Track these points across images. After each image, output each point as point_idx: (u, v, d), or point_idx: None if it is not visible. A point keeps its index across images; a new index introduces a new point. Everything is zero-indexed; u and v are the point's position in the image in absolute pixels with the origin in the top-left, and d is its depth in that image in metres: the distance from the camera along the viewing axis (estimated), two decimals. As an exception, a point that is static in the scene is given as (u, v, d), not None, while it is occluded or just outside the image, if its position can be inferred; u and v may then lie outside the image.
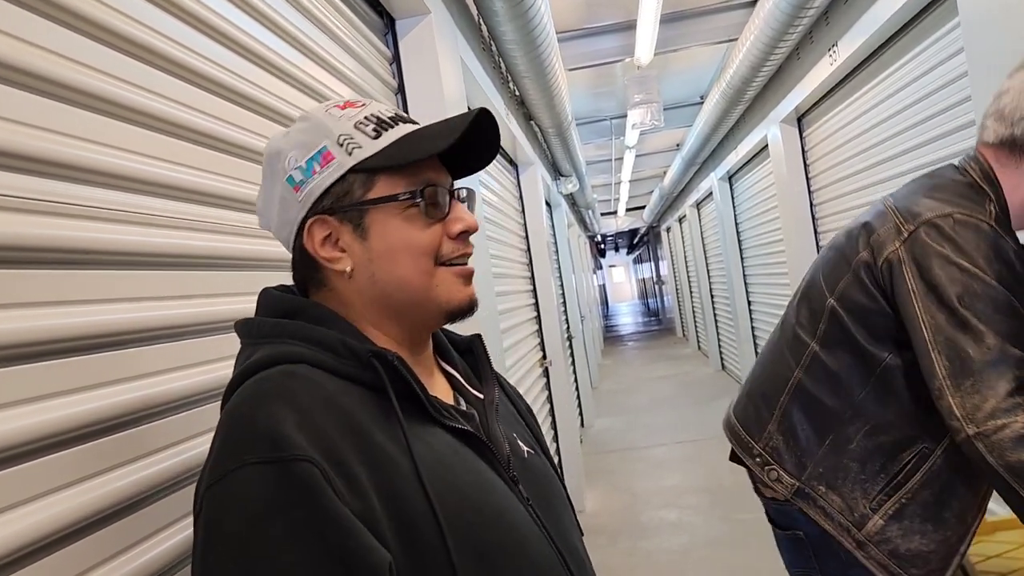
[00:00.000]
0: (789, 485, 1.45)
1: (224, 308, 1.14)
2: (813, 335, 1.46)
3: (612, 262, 39.84)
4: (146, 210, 0.99)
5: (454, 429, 0.79)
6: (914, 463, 1.37)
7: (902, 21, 3.20)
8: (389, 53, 2.34)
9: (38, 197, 0.81)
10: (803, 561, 1.51)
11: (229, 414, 0.70)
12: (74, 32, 0.90)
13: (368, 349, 0.75)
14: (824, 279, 1.46)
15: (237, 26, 1.31)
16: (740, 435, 1.57)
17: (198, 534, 0.66)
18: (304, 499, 0.63)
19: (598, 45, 5.08)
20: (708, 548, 4.00)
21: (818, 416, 1.44)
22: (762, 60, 4.18)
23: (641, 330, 20.25)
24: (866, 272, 1.37)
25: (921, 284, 1.28)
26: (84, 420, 0.82)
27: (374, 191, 0.80)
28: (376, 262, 0.80)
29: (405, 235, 0.80)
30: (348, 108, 0.84)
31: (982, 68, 2.40)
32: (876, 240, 1.36)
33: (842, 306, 1.41)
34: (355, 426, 0.70)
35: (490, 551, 0.72)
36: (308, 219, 0.81)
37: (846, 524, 1.40)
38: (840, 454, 1.41)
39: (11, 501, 0.71)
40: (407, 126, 0.84)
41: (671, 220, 14.25)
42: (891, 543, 1.37)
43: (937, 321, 1.26)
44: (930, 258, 1.28)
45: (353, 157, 0.80)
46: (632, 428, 7.32)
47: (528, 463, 0.88)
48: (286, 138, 0.83)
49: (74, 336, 0.83)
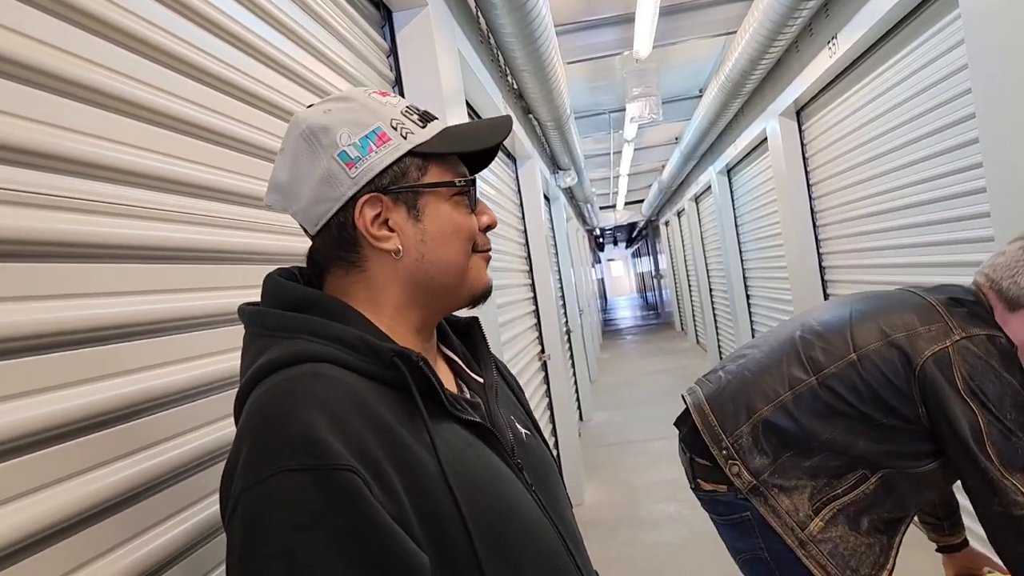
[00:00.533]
0: (747, 481, 1.61)
1: (224, 302, 1.14)
2: (817, 372, 1.60)
3: (611, 256, 39.84)
4: (142, 203, 0.98)
5: (466, 421, 0.80)
6: (854, 483, 1.57)
7: (902, 13, 3.19)
8: (386, 46, 2.33)
9: (38, 191, 0.80)
10: (750, 542, 1.64)
11: (260, 413, 0.69)
12: (68, 24, 0.89)
13: (390, 348, 0.75)
14: (852, 333, 1.61)
15: (232, 17, 1.30)
16: (711, 425, 1.68)
17: (235, 536, 0.66)
18: (346, 508, 0.64)
19: (596, 38, 5.06)
20: (707, 541, 4.00)
21: (790, 434, 1.60)
22: (761, 53, 4.17)
23: (640, 324, 20.26)
24: (899, 354, 1.53)
25: (968, 384, 1.46)
26: (81, 414, 0.81)
27: (428, 176, 0.83)
28: (428, 243, 0.82)
29: (456, 220, 0.84)
30: (387, 96, 0.85)
31: (983, 60, 2.40)
32: (922, 333, 1.53)
33: (863, 364, 1.56)
34: (383, 427, 0.71)
35: (509, 545, 0.74)
36: (360, 196, 0.80)
37: (791, 524, 1.56)
38: (795, 467, 1.59)
39: (8, 494, 0.71)
40: (439, 122, 0.87)
41: (670, 214, 14.24)
42: (830, 543, 1.55)
43: (985, 417, 1.44)
44: (980, 366, 1.47)
45: (408, 141, 0.82)
46: (631, 421, 7.33)
47: (527, 446, 0.90)
48: (329, 115, 0.81)
49: (70, 330, 0.82)
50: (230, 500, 0.67)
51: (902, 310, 1.60)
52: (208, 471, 1.04)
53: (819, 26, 3.99)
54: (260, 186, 1.32)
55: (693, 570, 3.71)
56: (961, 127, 2.89)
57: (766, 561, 1.62)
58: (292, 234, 1.42)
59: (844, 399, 1.56)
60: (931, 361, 1.49)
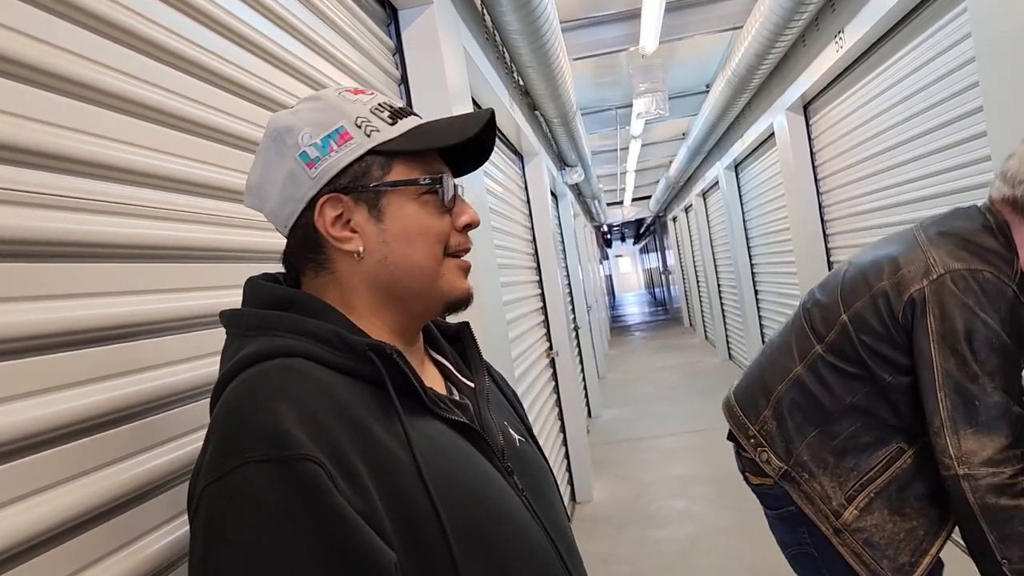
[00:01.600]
0: (777, 468, 1.58)
1: (232, 300, 1.14)
2: (821, 340, 1.58)
3: (618, 252, 39.78)
4: (150, 202, 0.98)
5: (451, 421, 0.78)
6: (887, 460, 1.51)
7: (909, 6, 3.17)
8: (392, 44, 2.33)
9: (46, 191, 0.81)
10: (795, 537, 1.62)
11: (227, 408, 0.69)
12: (73, 24, 0.90)
13: (364, 342, 0.74)
14: (842, 295, 1.57)
15: (238, 17, 1.30)
16: (738, 417, 1.68)
17: (197, 532, 0.65)
18: (309, 500, 0.62)
19: (602, 34, 5.06)
20: (717, 537, 4.00)
21: (809, 410, 1.57)
22: (767, 48, 4.15)
23: (648, 320, 20.23)
24: (883, 301, 1.47)
25: (940, 326, 1.38)
26: (90, 413, 0.82)
27: (392, 174, 0.81)
28: (391, 244, 0.80)
29: (422, 220, 0.81)
30: (360, 94, 0.84)
31: (990, 53, 2.38)
32: (903, 275, 1.46)
33: (853, 325, 1.52)
34: (355, 422, 0.69)
35: (492, 544, 0.72)
36: (320, 197, 0.79)
37: (825, 511, 1.53)
38: (822, 447, 1.55)
39: (18, 493, 0.72)
40: (415, 118, 0.85)
41: (677, 210, 14.21)
42: (865, 532, 1.49)
43: (948, 366, 1.37)
44: (954, 304, 1.38)
45: (372, 139, 0.80)
46: (639, 418, 7.32)
47: (520, 452, 0.89)
48: (295, 115, 0.81)
49: (80, 329, 0.83)
50: (194, 496, 0.66)
51: (888, 252, 1.54)
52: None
53: (825, 20, 3.98)
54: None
55: (703, 567, 3.71)
56: (969, 120, 2.88)
57: (812, 556, 1.59)
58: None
59: (850, 360, 1.52)
60: (908, 305, 1.43)
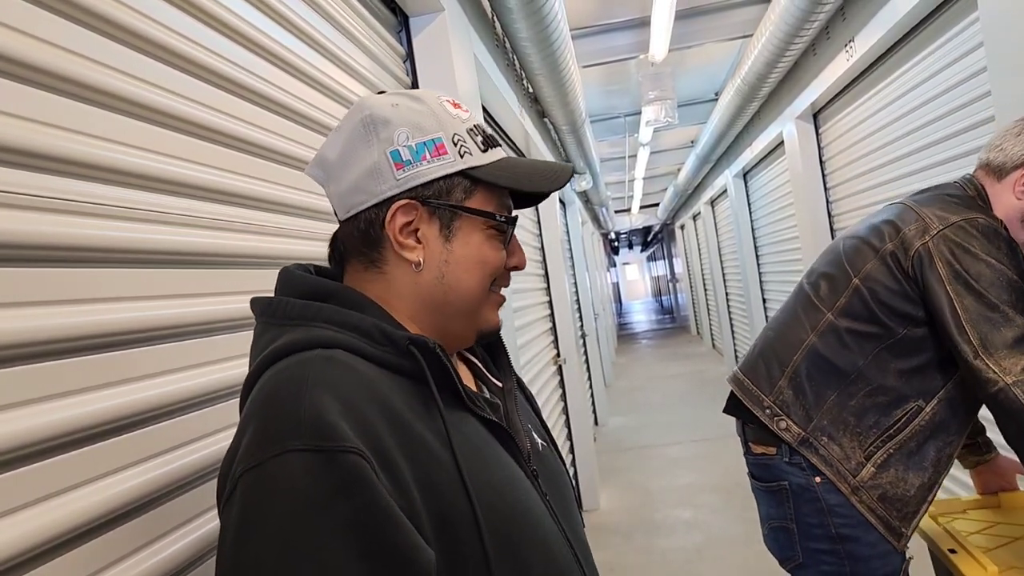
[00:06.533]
0: (796, 434, 1.65)
1: (237, 307, 1.14)
2: (831, 306, 1.67)
3: (626, 260, 39.72)
4: (156, 208, 0.99)
5: (484, 419, 0.79)
6: (905, 419, 1.59)
7: (920, 15, 3.16)
8: (403, 50, 2.34)
9: (49, 195, 0.81)
10: (781, 511, 1.70)
11: (266, 395, 0.67)
12: (88, 30, 0.90)
13: (406, 336, 0.74)
14: (848, 262, 1.68)
15: (251, 24, 1.31)
16: (750, 390, 1.75)
17: (231, 517, 0.63)
18: (352, 492, 0.61)
19: (612, 42, 5.06)
20: (723, 547, 3.98)
21: (826, 375, 1.65)
22: (777, 56, 4.15)
23: (655, 328, 20.19)
24: (892, 260, 1.59)
25: (950, 272, 1.50)
26: (97, 419, 0.82)
27: (472, 201, 0.82)
28: (451, 265, 0.81)
29: (484, 251, 0.82)
30: (458, 109, 0.84)
31: (1002, 63, 2.37)
32: (906, 235, 1.58)
33: (866, 285, 1.62)
34: (395, 416, 0.69)
35: (521, 547, 0.73)
36: (398, 199, 0.79)
37: (843, 471, 1.60)
38: (842, 409, 1.63)
39: (26, 500, 0.72)
40: (501, 150, 0.86)
41: (685, 217, 14.19)
42: (880, 488, 1.58)
43: (967, 302, 1.48)
44: (958, 253, 1.50)
45: (464, 161, 0.81)
46: (646, 426, 7.30)
47: (543, 456, 0.89)
48: (395, 109, 0.80)
49: (86, 335, 0.83)
50: (228, 482, 0.65)
51: (883, 219, 1.66)
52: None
53: (836, 29, 3.97)
54: (278, 191, 1.33)
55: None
56: (980, 131, 2.86)
57: (791, 531, 1.68)
58: (309, 239, 1.43)
59: (863, 319, 1.61)
60: (915, 260, 1.55)
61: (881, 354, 1.60)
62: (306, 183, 1.45)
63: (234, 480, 0.64)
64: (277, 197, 1.33)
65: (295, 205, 1.41)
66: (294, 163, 1.41)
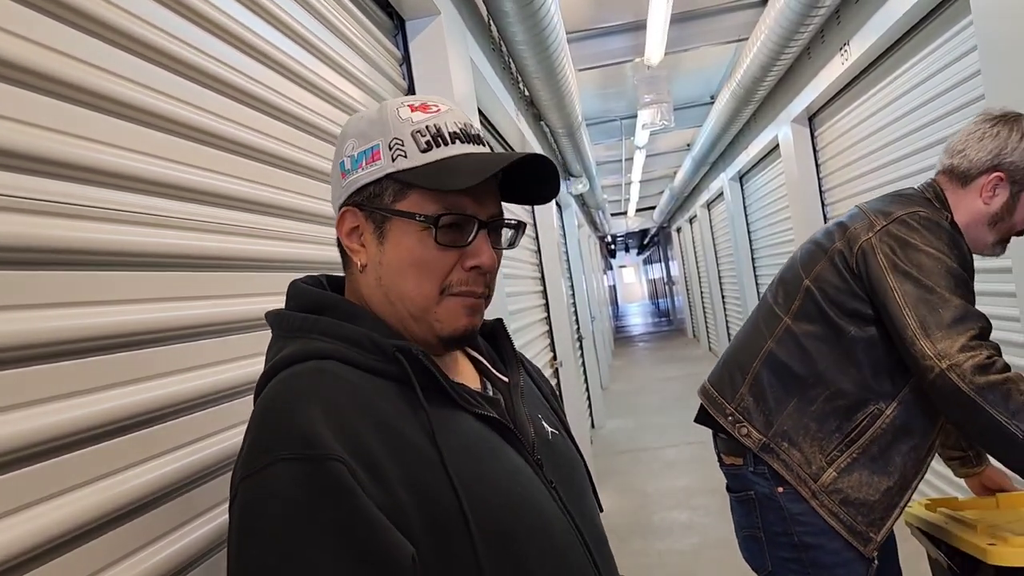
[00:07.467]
0: (757, 440, 1.66)
1: (239, 309, 1.15)
2: (787, 311, 1.69)
3: (622, 262, 39.78)
4: (157, 211, 0.99)
5: (480, 415, 0.81)
6: (866, 423, 1.60)
7: (915, 19, 3.18)
8: (399, 54, 2.34)
9: (54, 199, 0.81)
10: (750, 520, 1.71)
11: (263, 407, 0.74)
12: (80, 31, 0.91)
13: (393, 343, 0.78)
14: (801, 265, 1.71)
15: (246, 26, 1.31)
16: (715, 398, 1.76)
17: (233, 519, 0.70)
18: (333, 498, 0.66)
19: (608, 45, 5.08)
20: (719, 549, 3.98)
21: (785, 381, 1.66)
22: (773, 59, 4.17)
23: (652, 331, 20.21)
24: (840, 258, 1.62)
25: (890, 262, 1.53)
26: (100, 420, 0.82)
27: (402, 203, 0.82)
28: (384, 267, 0.83)
29: (416, 254, 0.81)
30: (418, 112, 0.83)
31: (995, 66, 2.39)
32: (851, 233, 1.62)
33: (816, 286, 1.65)
34: (383, 421, 0.73)
35: (516, 537, 0.75)
36: (344, 206, 0.85)
37: (804, 476, 1.61)
38: (802, 414, 1.63)
39: (29, 499, 0.72)
40: (463, 146, 0.83)
41: (682, 220, 14.21)
42: (842, 493, 1.58)
43: (906, 288, 1.50)
44: (900, 244, 1.54)
45: (394, 165, 0.81)
46: (643, 429, 7.30)
47: (552, 444, 0.90)
48: (355, 122, 0.87)
49: (90, 337, 0.83)
50: (231, 488, 0.72)
51: (835, 224, 1.70)
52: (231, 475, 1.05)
53: (831, 33, 3.99)
54: (277, 195, 1.34)
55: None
56: (975, 133, 2.87)
57: (760, 540, 1.70)
58: (311, 242, 1.44)
59: (815, 320, 1.63)
60: (859, 255, 1.58)
61: (837, 357, 1.61)
62: (312, 189, 1.47)
63: (235, 487, 0.71)
64: (284, 203, 1.35)
65: (302, 210, 1.42)
66: (295, 169, 1.42)
